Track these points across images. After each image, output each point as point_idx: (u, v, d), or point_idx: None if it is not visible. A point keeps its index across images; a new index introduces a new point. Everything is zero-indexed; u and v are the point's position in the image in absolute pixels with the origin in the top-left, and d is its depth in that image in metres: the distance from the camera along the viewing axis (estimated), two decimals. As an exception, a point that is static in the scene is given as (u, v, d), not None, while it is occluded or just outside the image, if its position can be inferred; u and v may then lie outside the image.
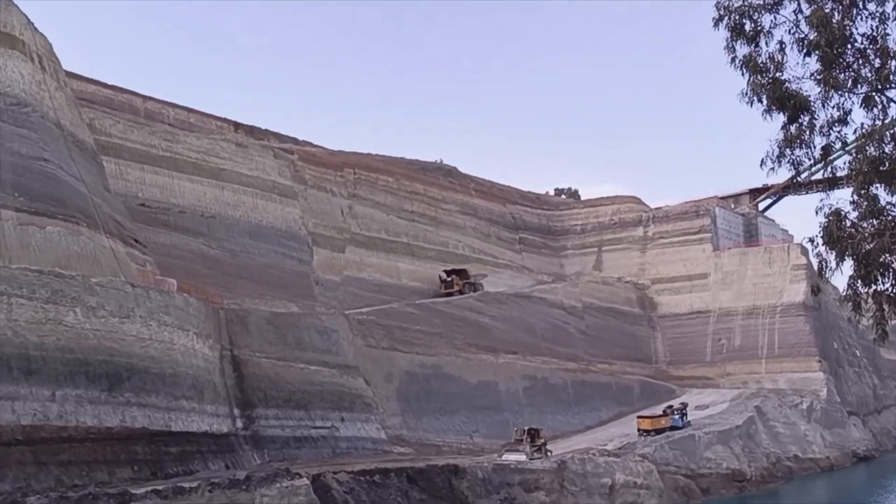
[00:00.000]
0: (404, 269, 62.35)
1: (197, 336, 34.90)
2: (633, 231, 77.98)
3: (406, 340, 50.15)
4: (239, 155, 53.41)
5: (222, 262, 48.84)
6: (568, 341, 65.42)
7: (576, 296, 69.54)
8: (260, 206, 52.91)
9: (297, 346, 40.81)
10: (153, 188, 47.27)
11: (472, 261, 68.46)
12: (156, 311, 32.66)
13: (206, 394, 34.36)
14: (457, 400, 50.70)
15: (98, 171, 39.72)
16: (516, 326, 61.74)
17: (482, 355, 54.63)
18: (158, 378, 31.78)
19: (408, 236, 64.42)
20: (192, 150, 50.30)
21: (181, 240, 47.46)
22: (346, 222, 59.82)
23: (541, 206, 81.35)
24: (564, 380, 59.61)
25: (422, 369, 49.81)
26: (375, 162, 67.10)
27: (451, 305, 58.46)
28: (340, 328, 43.72)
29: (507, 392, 54.48)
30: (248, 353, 38.94)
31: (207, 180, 50.45)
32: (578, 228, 79.76)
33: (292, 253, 53.46)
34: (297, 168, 57.95)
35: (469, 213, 71.95)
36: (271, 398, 38.63)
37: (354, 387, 42.36)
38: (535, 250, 77.45)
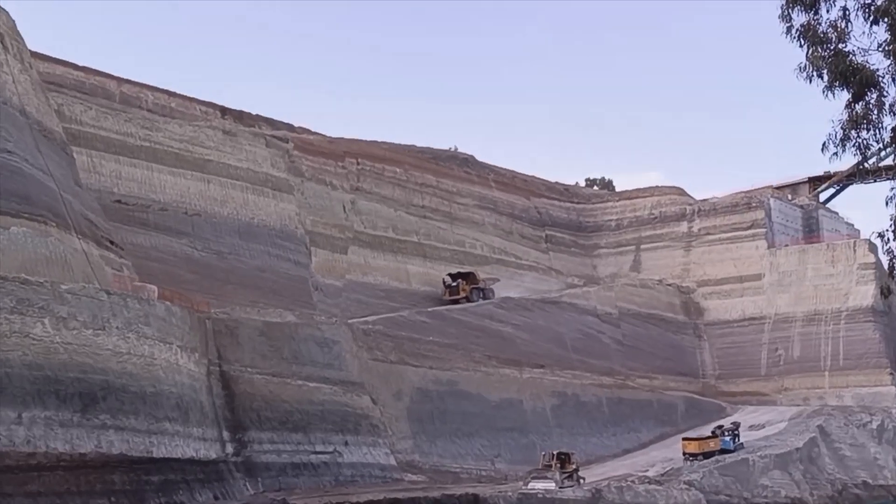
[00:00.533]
0: (415, 272, 62.38)
1: (181, 350, 35.02)
2: (675, 226, 77.70)
3: (417, 353, 50.15)
4: (227, 144, 53.57)
5: (209, 266, 49.02)
6: (602, 353, 65.23)
7: (611, 301, 69.32)
8: (251, 201, 53.07)
9: (294, 360, 40.85)
10: (130, 182, 47.52)
11: (492, 262, 68.40)
12: (134, 322, 32.80)
13: (192, 415, 34.46)
14: (476, 420, 50.64)
15: (68, 164, 39.98)
16: (543, 336, 61.58)
17: (504, 369, 54.57)
18: (138, 397, 31.90)
19: (419, 235, 64.46)
20: (173, 139, 50.53)
21: (162, 240, 47.68)
22: (348, 219, 59.93)
23: (570, 199, 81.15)
24: (598, 397, 59.46)
25: (436, 386, 49.78)
26: (381, 150, 67.16)
27: (469, 313, 58.41)
28: (343, 339, 43.76)
29: (534, 411, 54.41)
30: (239, 369, 39.03)
31: (191, 173, 50.66)
32: (613, 224, 79.56)
33: (288, 254, 53.58)
34: (292, 158, 58.08)
35: (488, 208, 71.89)
36: (265, 419, 38.69)
37: (359, 406, 42.38)
38: (564, 249, 77.26)
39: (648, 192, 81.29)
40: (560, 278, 72.54)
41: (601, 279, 76.12)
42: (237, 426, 37.93)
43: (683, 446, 52.00)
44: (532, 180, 79.44)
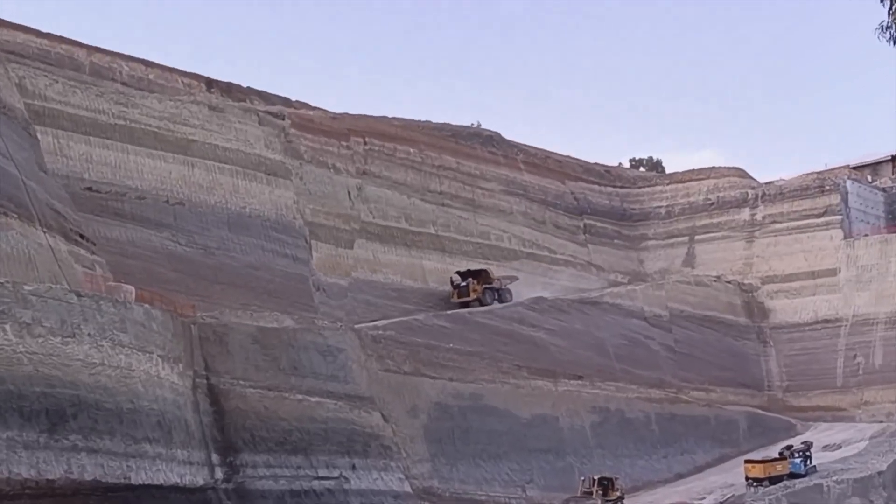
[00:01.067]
0: (432, 269, 62.41)
1: (163, 359, 35.13)
2: (736, 214, 77.34)
3: (436, 363, 50.18)
4: (213, 122, 53.71)
5: (194, 263, 49.19)
6: (651, 362, 65.04)
7: (660, 301, 69.08)
8: (242, 187, 53.22)
9: (292, 371, 40.93)
10: (103, 167, 47.73)
11: (522, 256, 68.34)
12: (109, 328, 32.92)
13: (176, 435, 34.58)
14: (504, 440, 50.65)
15: (31, 146, 40.17)
16: (581, 342, 61.46)
17: (537, 381, 54.53)
18: (113, 415, 32.03)
19: (436, 225, 64.45)
20: (152, 117, 50.72)
21: (140, 234, 47.89)
22: (354, 208, 59.99)
23: (612, 182, 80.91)
24: (646, 413, 59.33)
25: (457, 400, 49.80)
26: (392, 127, 67.16)
27: (495, 316, 58.39)
28: (349, 347, 43.81)
29: (571, 429, 54.37)
30: (230, 382, 39.14)
31: (173, 155, 50.83)
32: (663, 212, 79.29)
33: (285, 249, 53.70)
34: (289, 137, 58.18)
35: (517, 194, 71.76)
36: (260, 440, 38.78)
37: (369, 424, 42.43)
38: (606, 241, 77.04)
39: (704, 173, 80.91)
40: (601, 275, 72.34)
41: (649, 276, 75.86)
42: (228, 448, 38.02)
43: (746, 470, 51.82)
44: (568, 161, 79.18)
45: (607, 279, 72.11)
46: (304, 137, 59.47)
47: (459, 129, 72.73)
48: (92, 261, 39.63)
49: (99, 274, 38.57)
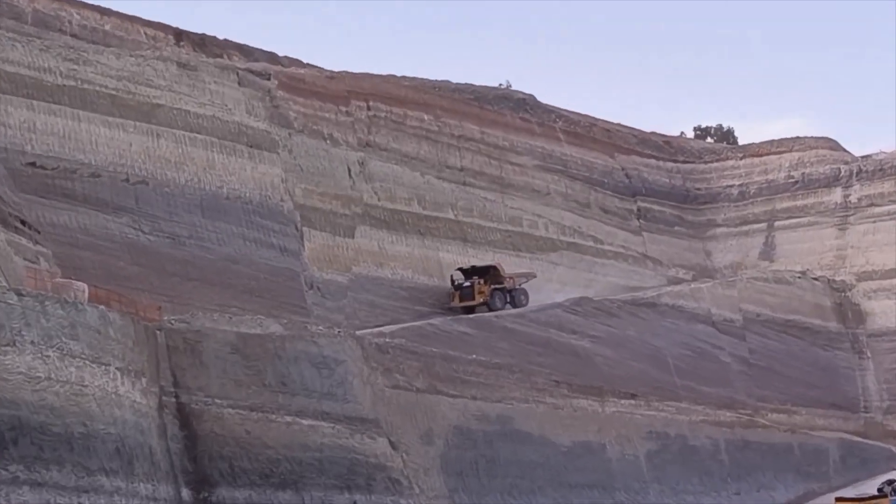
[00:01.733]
0: (450, 263, 62.35)
1: (122, 373, 35.18)
2: (825, 195, 77.02)
3: (455, 377, 50.12)
4: (183, 82, 53.71)
5: (160, 255, 49.27)
6: (720, 377, 64.81)
7: (732, 302, 68.79)
8: (218, 163, 53.25)
9: (280, 387, 40.96)
10: (49, 137, 47.82)
11: (561, 247, 68.16)
12: (56, 335, 32.97)
13: (139, 465, 34.65)
14: (539, 473, 50.61)
15: (-38, 113, 40.30)
16: (634, 353, 61.28)
17: (579, 401, 54.40)
18: (62, 441, 32.09)
19: (455, 209, 64.35)
20: (108, 76, 50.75)
21: (94, 219, 47.96)
22: (355, 187, 59.96)
23: (673, 156, 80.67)
24: (714, 439, 59.18)
25: (481, 424, 49.74)
26: (402, 89, 67.04)
27: (528, 320, 58.27)
28: (349, 358, 43.79)
29: (621, 460, 54.27)
30: (204, 400, 39.19)
31: (134, 124, 50.87)
32: (735, 192, 79.03)
33: (271, 238, 53.72)
34: (276, 101, 58.14)
35: (555, 170, 71.56)
36: (241, 472, 38.83)
37: (373, 452, 42.45)
38: (665, 228, 76.83)
39: (786, 145, 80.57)
40: (658, 270, 72.08)
41: (717, 271, 75.63)
42: (202, 481, 38.06)
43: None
44: (618, 130, 78.91)
45: (666, 275, 71.82)
46: (293, 101, 59.40)
47: (484, 91, 72.54)
48: (35, 252, 39.71)
49: (44, 268, 38.64)
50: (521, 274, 62.35)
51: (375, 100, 64.36)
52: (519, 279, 61.58)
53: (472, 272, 60.21)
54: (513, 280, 61.01)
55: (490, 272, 60.27)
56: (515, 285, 60.88)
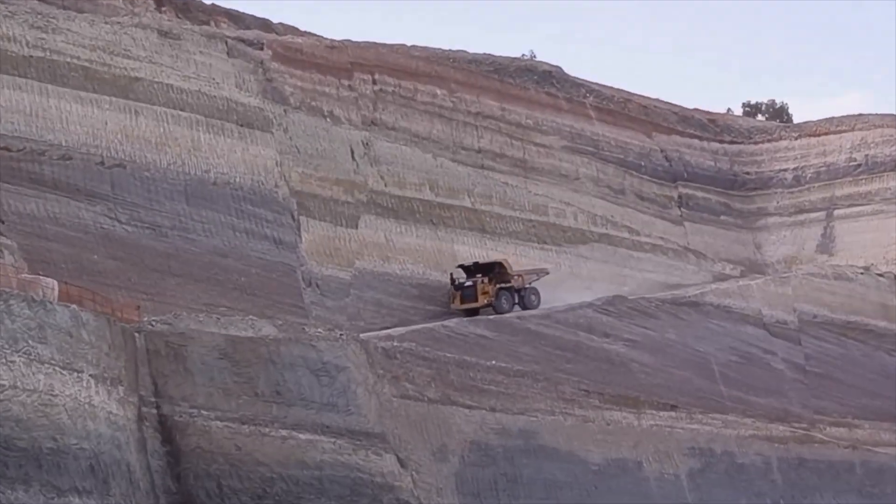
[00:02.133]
0: (466, 257, 62.24)
1: (96, 381, 35.28)
2: (892, 180, 76.72)
3: (472, 386, 50.19)
4: (165, 52, 53.74)
5: (139, 247, 49.33)
6: (772, 386, 64.64)
7: (786, 302, 68.64)
8: (205, 144, 53.29)
9: (274, 397, 41.06)
10: (14, 115, 47.89)
11: (592, 238, 68.05)
12: (22, 338, 33.07)
13: (115, 485, 34.76)
14: (567, 494, 50.72)
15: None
16: (675, 359, 61.16)
17: (612, 413, 54.43)
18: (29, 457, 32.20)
19: (472, 196, 64.29)
20: (81, 46, 50.80)
21: (65, 207, 48.04)
22: (359, 171, 59.96)
23: (719, 136, 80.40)
24: (766, 457, 59.17)
25: (502, 438, 49.82)
26: (412, 60, 66.93)
27: (553, 323, 58.15)
28: (352, 364, 43.87)
29: (660, 479, 54.36)
30: (188, 412, 39.29)
31: (110, 99, 50.92)
32: (790, 177, 78.79)
33: (264, 229, 53.77)
34: (270, 75, 58.14)
35: (585, 152, 71.40)
36: (230, 493, 38.95)
37: (379, 471, 42.53)
38: (709, 218, 76.65)
39: (847, 123, 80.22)
40: (703, 265, 71.90)
41: (769, 266, 75.42)
42: (187, 502, 38.13)
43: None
44: (656, 107, 78.69)
45: (711, 271, 71.63)
46: (290, 74, 59.38)
47: (506, 63, 72.37)
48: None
49: (9, 263, 38.70)
50: (532, 271, 61.39)
51: (382, 73, 64.26)
52: (529, 277, 60.54)
53: (476, 269, 59.19)
54: (522, 278, 59.91)
55: (495, 269, 59.13)
56: (525, 284, 59.81)
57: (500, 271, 59.04)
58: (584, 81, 75.61)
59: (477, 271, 58.89)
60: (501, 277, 58.92)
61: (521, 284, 59.50)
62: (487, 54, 71.89)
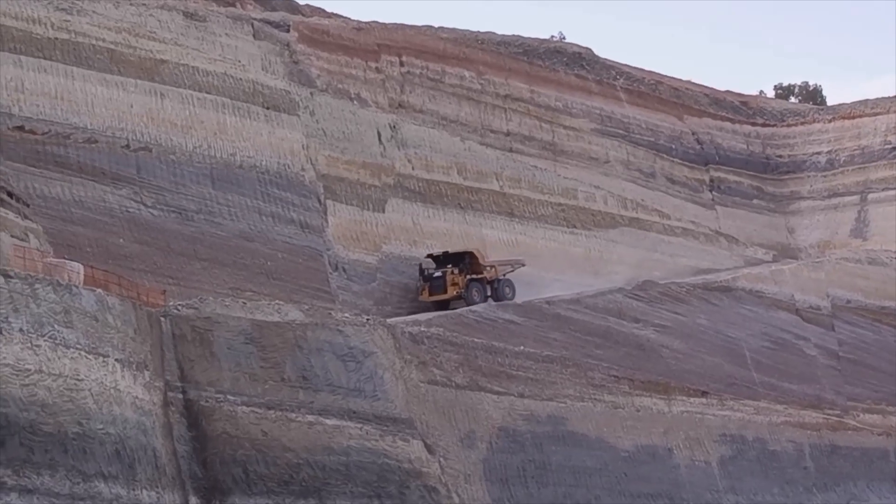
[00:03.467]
0: (495, 241, 62.28)
1: (122, 365, 35.39)
2: (928, 163, 76.39)
3: (500, 372, 50.17)
4: (191, 35, 53.82)
5: (165, 231, 49.46)
6: (805, 372, 64.53)
7: (819, 287, 68.46)
8: (231, 127, 53.37)
9: (301, 382, 41.13)
10: (39, 98, 48.04)
11: (622, 222, 67.94)
12: (48, 322, 33.18)
13: (141, 470, 34.87)
14: (596, 481, 50.74)
15: (-59, 70, 40.57)
16: (706, 345, 61.09)
17: (642, 399, 54.42)
18: (55, 441, 32.33)
19: (500, 179, 64.25)
20: (106, 28, 50.92)
21: (91, 191, 48.20)
22: (386, 154, 59.95)
23: (751, 118, 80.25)
24: (798, 444, 59.11)
25: (530, 425, 49.82)
26: (440, 42, 66.89)
27: (584, 307, 58.14)
28: (379, 349, 43.89)
29: (691, 467, 54.30)
30: (215, 397, 39.39)
31: (135, 82, 51.03)
32: (823, 160, 78.51)
33: (290, 212, 53.83)
34: (296, 57, 58.18)
35: (616, 135, 71.28)
36: (257, 478, 39.04)
37: (407, 457, 42.56)
38: (741, 202, 76.51)
39: (882, 106, 79.94)
40: (734, 249, 71.77)
41: (802, 251, 75.27)
42: (212, 488, 38.28)
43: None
44: (687, 89, 78.57)
45: (743, 255, 71.51)
46: (316, 56, 59.41)
47: (535, 45, 72.29)
48: (24, 228, 39.90)
49: (34, 247, 38.83)
50: (507, 262, 59.65)
51: (409, 54, 64.24)
52: (503, 268, 58.73)
53: (446, 260, 57.18)
54: (495, 269, 58.04)
55: (466, 260, 57.21)
56: (499, 275, 57.93)
57: (471, 262, 57.23)
58: (615, 63, 75.53)
59: (447, 261, 57.07)
60: (473, 268, 57.04)
61: (495, 276, 57.65)
62: (516, 36, 71.84)
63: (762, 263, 70.59)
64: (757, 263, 70.54)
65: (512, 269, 59.04)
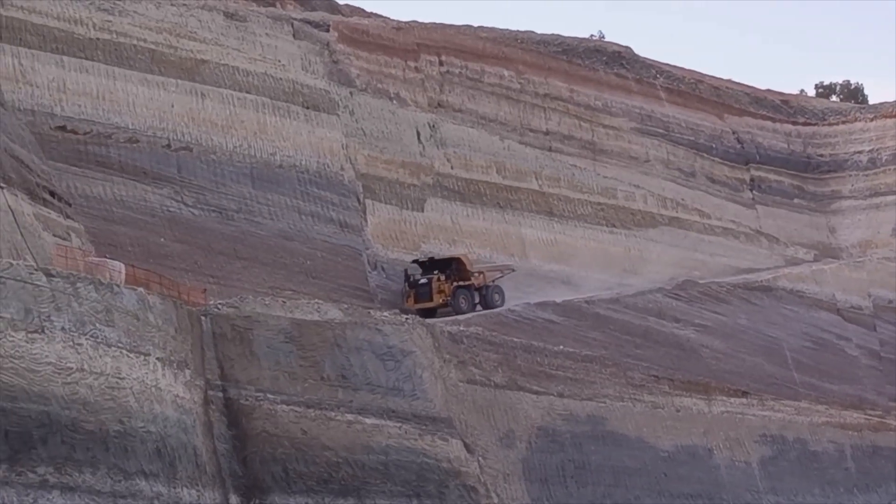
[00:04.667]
0: (533, 240, 62.21)
1: (163, 364, 35.52)
2: (971, 163, 75.89)
3: (540, 372, 50.08)
4: (231, 35, 54.02)
5: (205, 230, 49.68)
6: (846, 372, 64.19)
7: (861, 286, 68.09)
8: (271, 126, 53.55)
9: (340, 381, 41.18)
10: (81, 98, 48.32)
11: (661, 222, 67.73)
12: (89, 321, 33.33)
13: (182, 468, 34.98)
14: (636, 481, 50.60)
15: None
16: (746, 345, 60.84)
17: (682, 399, 54.15)
18: (97, 440, 32.47)
19: (540, 178, 64.18)
20: (147, 29, 51.17)
21: (132, 190, 48.46)
22: (425, 154, 59.99)
23: (792, 117, 79.82)
24: (839, 444, 58.81)
25: (569, 424, 49.71)
26: (479, 41, 66.86)
27: (622, 307, 58.05)
28: (418, 349, 43.89)
29: (731, 467, 54.09)
30: (254, 395, 39.50)
31: (176, 82, 51.27)
32: (864, 159, 78.01)
33: (329, 212, 53.96)
34: (336, 56, 58.29)
35: (655, 134, 71.04)
36: (296, 476, 39.10)
37: (446, 456, 42.55)
38: (782, 202, 76.10)
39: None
40: (775, 249, 71.43)
41: (844, 251, 74.75)
42: (252, 486, 38.38)
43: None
44: (727, 88, 78.23)
45: (783, 255, 71.15)
46: (356, 56, 59.50)
47: (574, 43, 72.16)
48: (66, 227, 40.15)
49: (76, 246, 39.04)
50: (495, 268, 58.05)
51: (449, 54, 64.24)
52: (492, 274, 56.95)
53: (431, 266, 55.23)
54: (483, 276, 56.18)
55: (453, 266, 55.30)
56: (487, 282, 56.00)
57: (458, 268, 55.43)
58: (655, 62, 75.32)
59: (433, 268, 55.20)
60: (460, 275, 55.25)
61: (483, 282, 55.84)
62: (555, 35, 71.74)
63: (803, 263, 70.27)
64: (798, 263, 70.22)
65: (501, 275, 57.29)
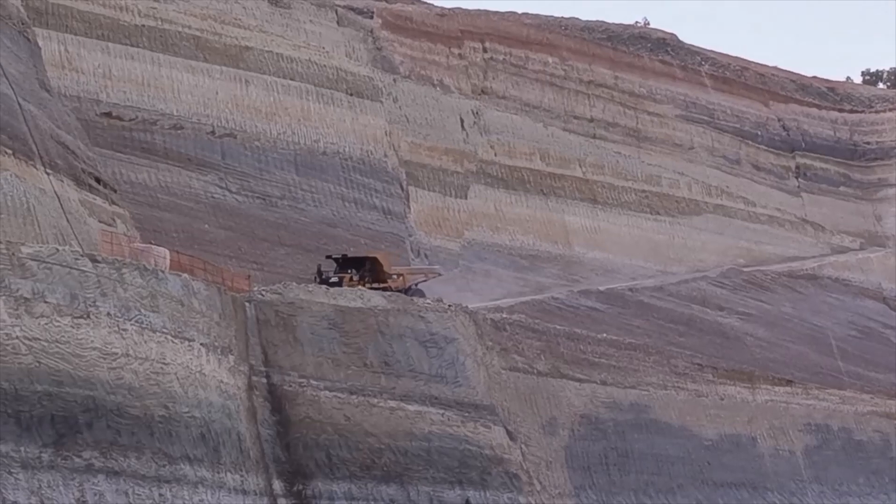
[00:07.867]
0: (577, 228, 62.08)
1: (207, 350, 35.62)
2: None
3: (583, 359, 49.98)
4: (275, 22, 54.06)
5: (249, 217, 49.77)
6: (892, 361, 63.76)
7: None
8: (314, 113, 53.54)
9: (383, 368, 41.19)
10: (126, 85, 48.49)
11: (706, 209, 67.44)
12: (135, 306, 33.44)
13: (225, 453, 35.08)
14: (679, 469, 50.44)
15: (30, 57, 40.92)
16: (791, 333, 60.53)
17: (726, 387, 53.91)
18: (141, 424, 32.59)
19: (584, 165, 64.00)
20: (192, 16, 51.29)
21: (177, 177, 48.62)
22: (469, 141, 59.88)
23: (838, 104, 79.30)
24: (884, 434, 58.33)
25: (612, 412, 49.59)
26: (523, 28, 66.73)
27: (667, 295, 57.90)
28: (461, 336, 43.85)
29: (775, 456, 53.77)
30: (298, 381, 39.54)
31: (220, 69, 51.38)
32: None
33: (373, 199, 53.91)
34: (379, 43, 58.21)
35: (700, 121, 70.70)
36: (339, 463, 39.15)
37: (488, 443, 42.51)
38: (828, 189, 75.61)
39: (974, 91, 78.73)
40: (820, 237, 71.00)
41: (890, 238, 74.18)
42: (296, 472, 38.46)
43: None
44: (773, 75, 77.79)
45: (829, 243, 70.74)
46: (399, 43, 59.44)
47: (619, 30, 71.92)
48: (112, 213, 40.28)
49: (121, 232, 39.17)
50: (419, 271, 54.29)
51: (492, 40, 64.11)
52: (414, 277, 53.21)
53: (345, 264, 51.45)
54: (403, 278, 51.91)
55: (367, 265, 51.02)
56: (407, 284, 51.71)
57: (373, 268, 51.45)
58: (700, 49, 74.98)
59: (347, 266, 51.22)
60: (375, 275, 51.20)
61: (402, 285, 51.61)
62: (600, 21, 71.50)
63: (848, 251, 69.90)
64: (843, 251, 69.82)
65: (425, 278, 53.82)
